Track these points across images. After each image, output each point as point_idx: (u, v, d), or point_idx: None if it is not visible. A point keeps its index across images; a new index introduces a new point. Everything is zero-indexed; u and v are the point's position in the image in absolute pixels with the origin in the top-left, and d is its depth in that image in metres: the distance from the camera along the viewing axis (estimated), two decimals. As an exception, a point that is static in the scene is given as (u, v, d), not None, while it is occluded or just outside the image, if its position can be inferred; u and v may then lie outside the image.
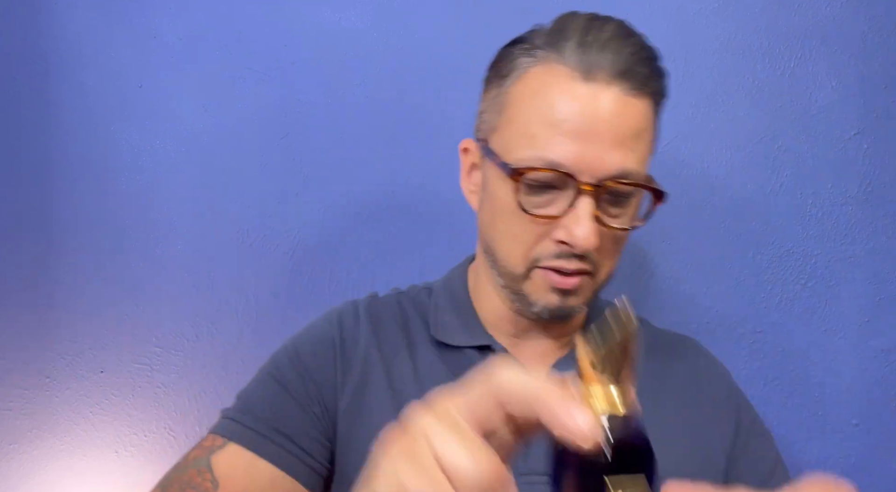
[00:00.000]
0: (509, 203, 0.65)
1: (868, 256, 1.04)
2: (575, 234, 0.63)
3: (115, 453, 0.99)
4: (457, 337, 0.74)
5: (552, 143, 0.62)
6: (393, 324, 0.76)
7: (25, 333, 0.98)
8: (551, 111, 0.63)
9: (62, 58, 1.00)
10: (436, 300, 0.78)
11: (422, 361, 0.73)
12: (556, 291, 0.67)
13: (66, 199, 1.00)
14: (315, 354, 0.74)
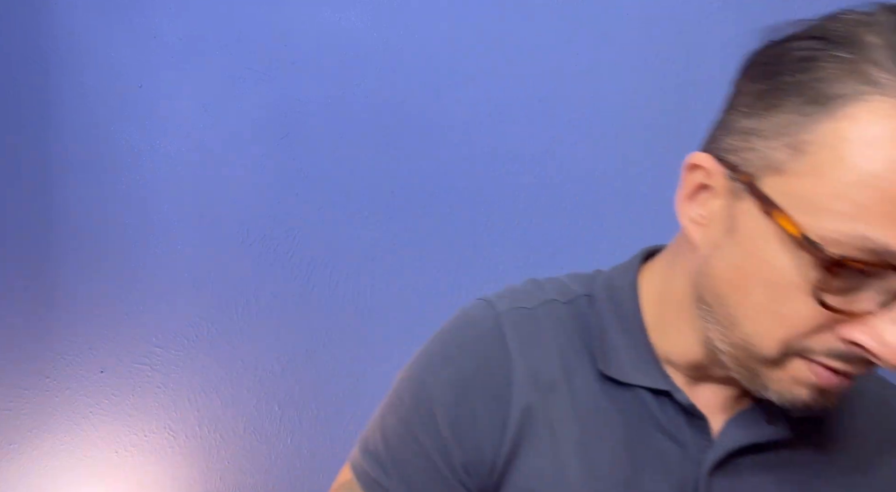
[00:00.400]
0: (790, 279, 0.47)
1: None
2: (888, 343, 0.45)
3: (115, 453, 0.99)
4: (628, 373, 0.59)
5: (890, 225, 0.43)
6: (546, 345, 0.62)
7: (25, 333, 0.98)
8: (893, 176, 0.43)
9: (62, 58, 1.00)
10: (600, 318, 0.62)
11: (583, 398, 0.59)
12: (811, 386, 0.50)
13: (66, 199, 1.00)
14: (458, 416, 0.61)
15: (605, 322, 0.61)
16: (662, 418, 0.58)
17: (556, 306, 0.63)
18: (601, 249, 1.05)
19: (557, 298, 0.64)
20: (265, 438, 1.03)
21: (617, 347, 0.60)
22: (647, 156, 1.04)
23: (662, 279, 0.61)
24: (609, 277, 0.65)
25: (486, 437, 0.60)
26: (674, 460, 0.57)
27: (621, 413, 0.59)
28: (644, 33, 1.04)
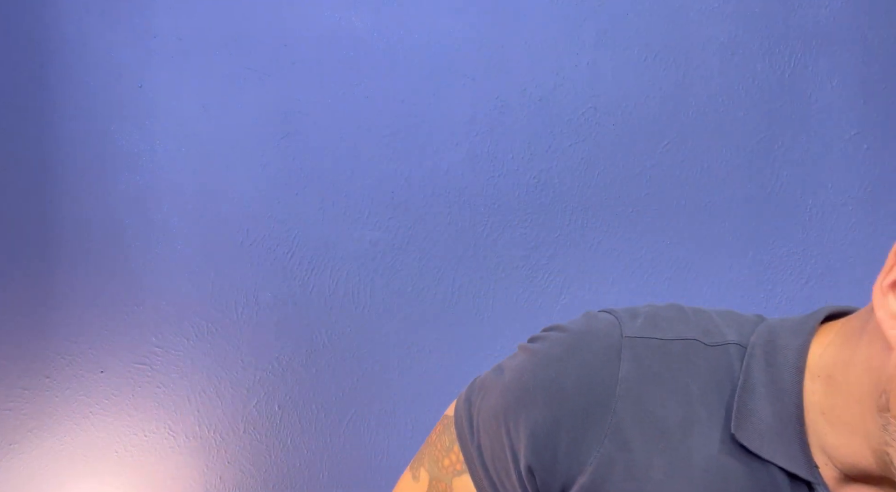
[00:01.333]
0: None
1: (868, 256, 1.04)
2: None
3: (115, 453, 0.99)
4: (766, 446, 0.52)
5: None
6: (670, 386, 0.55)
7: (25, 333, 0.98)
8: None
9: (62, 58, 1.00)
10: (749, 376, 0.54)
11: (699, 458, 0.53)
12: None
13: (66, 199, 1.00)
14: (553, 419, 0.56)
15: (755, 383, 0.53)
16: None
17: (697, 347, 0.55)
18: (601, 250, 1.05)
19: (700, 339, 0.56)
20: (265, 438, 1.03)
21: (761, 415, 0.52)
22: (647, 156, 1.04)
23: (839, 358, 0.52)
24: (773, 332, 0.56)
25: (563, 459, 0.54)
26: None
27: (745, 486, 0.51)
28: (644, 33, 1.04)
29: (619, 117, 1.03)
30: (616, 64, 1.03)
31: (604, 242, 1.04)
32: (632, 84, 1.04)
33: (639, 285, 1.04)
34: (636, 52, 1.04)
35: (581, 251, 1.04)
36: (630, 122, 1.03)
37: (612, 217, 1.04)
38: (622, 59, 1.04)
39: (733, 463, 0.52)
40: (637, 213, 1.04)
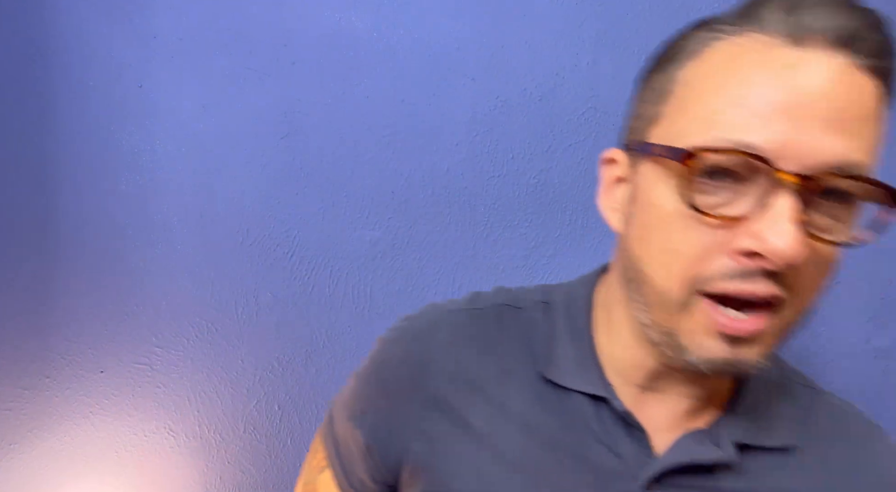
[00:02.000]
0: (671, 206, 0.50)
1: (868, 256, 1.04)
2: (770, 239, 0.45)
3: (115, 453, 0.99)
4: (568, 378, 0.60)
5: (743, 122, 0.46)
6: (483, 346, 0.63)
7: (25, 334, 0.98)
8: (744, 86, 0.47)
9: (63, 58, 1.00)
10: (551, 325, 0.63)
11: (516, 401, 0.60)
12: (723, 337, 0.49)
13: (66, 199, 1.00)
14: (382, 394, 0.64)
15: (556, 329, 0.62)
16: (599, 427, 0.58)
17: (508, 310, 0.65)
18: (601, 250, 1.05)
19: (511, 304, 0.66)
20: (265, 438, 1.03)
21: (561, 353, 0.61)
22: (647, 156, 1.04)
23: (609, 286, 0.62)
24: (569, 287, 0.66)
25: (401, 427, 0.62)
26: (608, 471, 0.56)
27: (556, 417, 0.59)
28: (644, 33, 1.04)
29: (619, 117, 1.03)
30: (616, 64, 1.03)
31: (604, 241, 1.04)
32: (632, 84, 1.04)
33: (639, 285, 1.04)
34: (636, 52, 1.04)
35: (581, 251, 1.04)
36: (630, 122, 1.04)
37: (612, 217, 1.04)
38: (622, 59, 1.04)
39: (545, 399, 0.59)
40: (637, 213, 1.04)
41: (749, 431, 0.58)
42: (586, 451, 0.57)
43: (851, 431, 0.62)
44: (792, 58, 0.47)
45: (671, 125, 0.51)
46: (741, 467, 0.57)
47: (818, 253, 0.49)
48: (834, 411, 0.64)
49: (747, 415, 0.58)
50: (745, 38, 0.49)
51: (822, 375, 1.04)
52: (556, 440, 0.58)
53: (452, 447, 0.60)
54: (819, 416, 0.62)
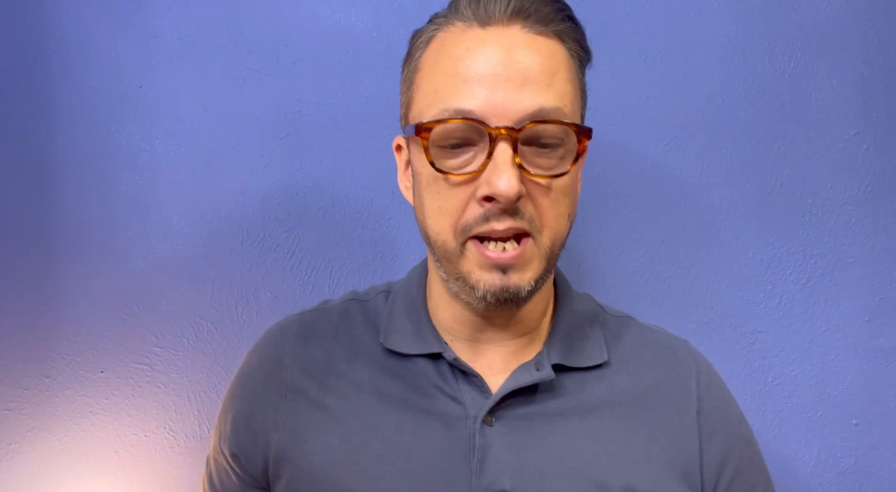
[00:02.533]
0: (429, 172, 0.62)
1: (868, 256, 1.04)
2: (494, 183, 0.57)
3: (115, 453, 0.99)
4: (406, 344, 0.69)
5: (457, 93, 0.59)
6: (330, 336, 0.72)
7: (25, 334, 0.98)
8: (453, 63, 0.60)
9: (62, 58, 1.00)
10: (392, 304, 0.73)
11: (366, 375, 0.69)
12: (494, 268, 0.61)
13: (66, 199, 1.00)
14: (238, 401, 0.73)
15: (395, 308, 0.72)
16: (441, 382, 0.67)
17: (353, 304, 0.76)
18: (601, 249, 1.05)
19: (357, 298, 0.77)
20: (265, 438, 1.03)
21: (399, 326, 0.70)
22: (647, 156, 1.04)
23: (431, 261, 0.71)
24: (409, 273, 0.77)
25: (260, 419, 0.70)
26: (455, 417, 0.65)
27: (402, 382, 0.67)
28: (644, 33, 1.04)
29: (619, 117, 1.03)
30: (616, 64, 1.03)
31: (604, 241, 1.04)
32: (632, 84, 1.04)
33: (638, 285, 1.04)
34: (636, 52, 1.04)
35: (581, 251, 1.04)
36: (630, 122, 1.03)
37: (613, 217, 1.04)
38: (622, 59, 1.04)
39: (391, 369, 0.68)
40: (637, 213, 1.04)
41: (565, 354, 0.68)
42: (434, 405, 0.66)
43: (656, 342, 0.75)
44: (480, 36, 0.61)
45: (416, 107, 0.65)
46: (561, 386, 0.67)
47: (546, 187, 0.61)
48: (641, 331, 0.76)
49: (563, 343, 0.69)
50: (451, 26, 0.63)
51: (823, 375, 1.04)
52: (406, 401, 0.66)
53: (310, 429, 0.67)
54: (627, 336, 0.74)
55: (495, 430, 0.64)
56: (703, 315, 1.04)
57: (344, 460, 0.65)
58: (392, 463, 0.64)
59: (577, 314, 0.72)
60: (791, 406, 1.04)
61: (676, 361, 0.73)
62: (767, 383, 1.04)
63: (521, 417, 0.65)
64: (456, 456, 0.63)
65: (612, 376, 0.69)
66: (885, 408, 1.04)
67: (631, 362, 0.71)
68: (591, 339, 0.71)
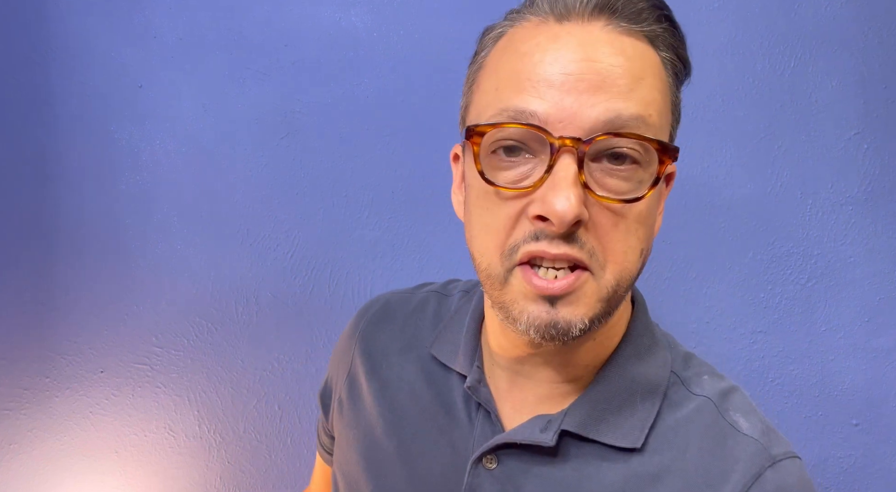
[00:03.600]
0: (479, 185, 0.53)
1: (868, 256, 1.04)
2: (550, 201, 0.48)
3: (115, 453, 0.99)
4: (446, 356, 0.66)
5: (520, 92, 0.50)
6: (399, 324, 0.71)
7: (25, 334, 0.98)
8: (519, 59, 0.51)
9: (63, 58, 1.00)
10: (458, 311, 0.69)
11: (408, 369, 0.67)
12: (541, 299, 0.51)
13: (66, 198, 1.00)
14: (331, 361, 0.78)
15: (456, 314, 0.69)
16: (465, 403, 0.63)
17: (433, 295, 0.73)
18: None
19: (439, 290, 0.74)
20: (265, 438, 1.03)
21: (449, 334, 0.67)
22: (647, 156, 1.04)
23: None
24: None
25: (331, 387, 0.74)
26: (463, 445, 0.61)
27: (435, 390, 0.65)
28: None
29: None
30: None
31: (604, 242, 1.04)
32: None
33: (638, 285, 1.04)
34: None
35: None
36: (630, 122, 1.04)
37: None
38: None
39: (430, 374, 0.66)
40: (637, 213, 1.04)
41: (586, 423, 0.57)
42: (452, 424, 0.63)
43: (718, 441, 0.57)
44: (556, 31, 0.51)
45: (474, 108, 0.56)
46: (566, 455, 0.57)
47: (614, 212, 0.51)
48: (711, 426, 0.58)
49: (593, 409, 0.58)
50: (524, 21, 0.54)
51: (823, 375, 1.04)
52: (431, 411, 0.64)
53: (357, 404, 0.69)
54: (691, 426, 0.58)
55: (492, 474, 0.58)
56: (703, 315, 1.04)
57: (367, 447, 0.66)
58: (398, 467, 0.64)
59: (635, 379, 0.59)
60: (791, 406, 1.04)
61: (725, 473, 0.55)
62: (767, 383, 1.04)
63: (523, 471, 0.58)
64: (450, 484, 0.60)
65: (637, 468, 0.56)
66: (885, 408, 1.04)
67: (668, 460, 0.56)
68: (635, 415, 0.57)
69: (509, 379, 0.61)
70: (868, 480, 1.04)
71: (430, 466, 0.62)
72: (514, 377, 0.61)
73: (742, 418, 0.58)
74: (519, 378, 0.61)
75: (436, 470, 0.61)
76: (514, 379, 0.61)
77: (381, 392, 0.68)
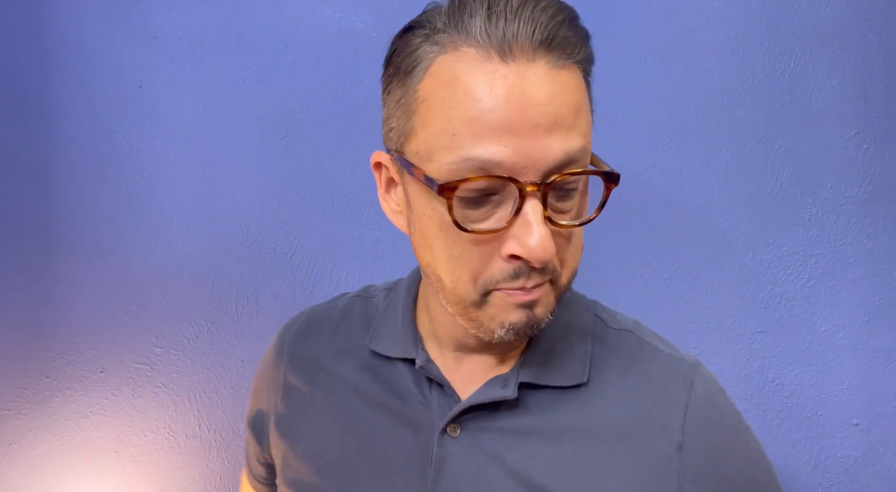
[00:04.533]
0: (443, 222, 0.55)
1: (868, 256, 1.04)
2: (529, 245, 0.52)
3: (115, 453, 0.99)
4: (386, 347, 0.68)
5: (480, 140, 0.52)
6: (326, 333, 0.74)
7: (25, 334, 0.98)
8: (471, 103, 0.52)
9: (63, 58, 1.00)
10: (386, 306, 0.73)
11: (350, 372, 0.70)
12: (522, 307, 0.57)
13: (66, 198, 1.00)
14: (258, 384, 0.78)
15: (387, 309, 0.72)
16: (416, 386, 0.66)
17: (354, 300, 0.76)
18: (601, 248, 1.05)
19: (361, 294, 0.77)
20: (265, 438, 1.03)
21: (385, 328, 0.70)
22: (647, 156, 1.04)
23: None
24: (410, 274, 0.74)
25: (264, 413, 0.74)
26: (422, 424, 0.64)
27: (381, 383, 0.68)
28: (644, 33, 1.04)
29: (620, 117, 1.03)
30: (616, 64, 1.03)
31: (604, 241, 1.04)
32: (632, 84, 1.04)
33: (638, 285, 1.04)
34: (636, 52, 1.04)
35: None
36: (630, 122, 1.04)
37: (613, 217, 1.04)
38: (622, 59, 1.04)
39: (373, 369, 0.69)
40: (637, 213, 1.04)
41: (538, 372, 0.64)
42: (407, 409, 0.66)
43: (649, 363, 0.67)
44: (504, 73, 0.52)
45: (421, 143, 0.56)
46: (527, 405, 0.64)
47: (567, 233, 0.57)
48: (638, 350, 0.68)
49: (540, 359, 0.65)
50: (461, 52, 0.53)
51: (822, 375, 1.04)
52: (382, 403, 0.66)
53: (299, 420, 0.70)
54: (620, 354, 0.67)
55: (457, 441, 0.63)
56: (703, 315, 1.04)
57: (322, 454, 0.68)
58: (361, 464, 0.65)
59: (567, 327, 0.68)
60: (791, 406, 1.04)
61: (664, 388, 0.65)
62: (767, 383, 1.04)
63: (484, 430, 0.63)
64: (417, 464, 0.63)
65: (588, 398, 0.64)
66: (885, 408, 1.04)
67: (612, 386, 0.65)
68: (575, 355, 0.66)
69: (456, 357, 0.67)
70: (868, 480, 1.04)
71: (395, 454, 0.64)
72: (461, 354, 0.66)
73: (657, 341, 0.69)
74: (466, 354, 0.66)
75: (401, 456, 0.64)
76: (461, 356, 0.67)
77: (325, 399, 0.70)
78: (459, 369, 0.66)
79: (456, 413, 0.62)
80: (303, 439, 0.69)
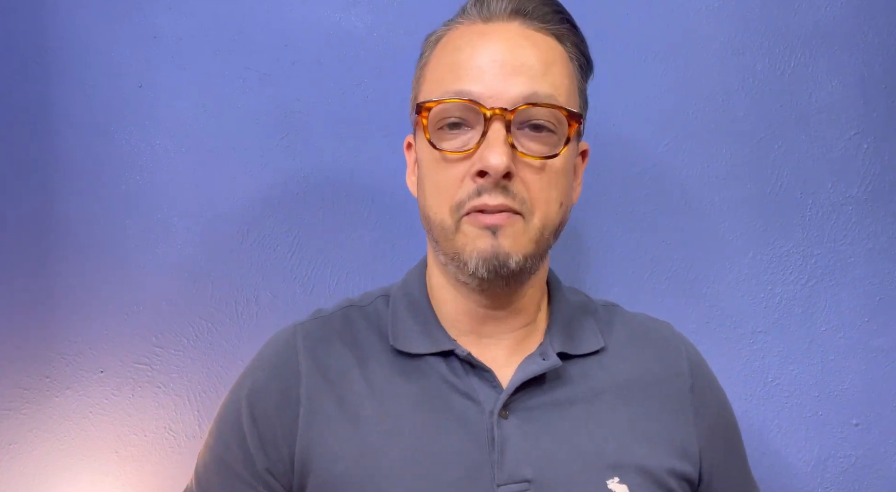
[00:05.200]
0: (429, 154, 0.67)
1: (868, 256, 1.04)
2: (486, 158, 0.62)
3: (115, 453, 0.99)
4: (417, 344, 0.70)
5: (457, 78, 0.65)
6: (337, 343, 0.72)
7: (25, 334, 0.98)
8: (456, 53, 0.67)
9: (63, 58, 1.00)
10: (394, 307, 0.74)
11: (378, 377, 0.69)
12: (484, 231, 0.64)
13: (66, 198, 1.00)
14: (256, 420, 0.69)
15: (398, 310, 0.74)
16: (454, 379, 0.68)
17: (353, 310, 0.76)
18: (601, 248, 1.05)
19: (354, 304, 0.78)
20: (265, 438, 1.03)
21: (406, 326, 0.72)
22: (647, 156, 1.04)
23: (429, 257, 0.76)
24: (405, 276, 0.79)
25: (280, 432, 0.68)
26: (471, 415, 0.66)
27: (416, 382, 0.68)
28: (644, 33, 1.04)
29: (620, 117, 1.03)
30: (616, 64, 1.03)
31: (604, 241, 1.04)
32: (632, 84, 1.04)
33: (638, 285, 1.04)
34: (636, 52, 1.04)
35: (581, 251, 1.04)
36: (630, 122, 1.04)
37: (612, 217, 1.04)
38: (622, 59, 1.04)
39: (403, 370, 0.69)
40: (637, 213, 1.04)
41: (566, 343, 0.72)
42: (449, 404, 0.67)
43: (644, 326, 0.79)
44: (482, 30, 0.68)
45: (421, 96, 0.71)
46: (566, 374, 0.70)
47: (537, 169, 0.65)
48: (629, 318, 0.80)
49: (563, 332, 0.73)
50: (457, 26, 0.70)
51: (823, 375, 1.04)
52: (421, 402, 0.67)
53: (330, 437, 0.67)
54: (617, 323, 0.78)
55: (510, 422, 0.66)
56: (703, 315, 1.04)
57: (366, 466, 0.65)
58: (414, 464, 0.64)
59: (571, 305, 0.77)
60: (791, 406, 1.04)
61: (666, 343, 0.78)
62: (767, 383, 1.04)
63: (533, 407, 0.67)
64: (476, 451, 0.65)
65: (610, 361, 0.73)
66: (885, 408, 1.04)
67: (626, 347, 0.75)
68: (586, 327, 0.75)
69: (476, 343, 0.71)
70: (868, 480, 1.04)
71: (449, 446, 0.65)
72: (479, 341, 0.71)
73: (637, 313, 0.82)
74: (483, 340, 0.71)
75: (456, 447, 0.65)
76: (480, 342, 0.71)
77: (358, 409, 0.67)
78: (484, 355, 0.70)
79: (513, 389, 0.67)
80: (338, 459, 0.66)
